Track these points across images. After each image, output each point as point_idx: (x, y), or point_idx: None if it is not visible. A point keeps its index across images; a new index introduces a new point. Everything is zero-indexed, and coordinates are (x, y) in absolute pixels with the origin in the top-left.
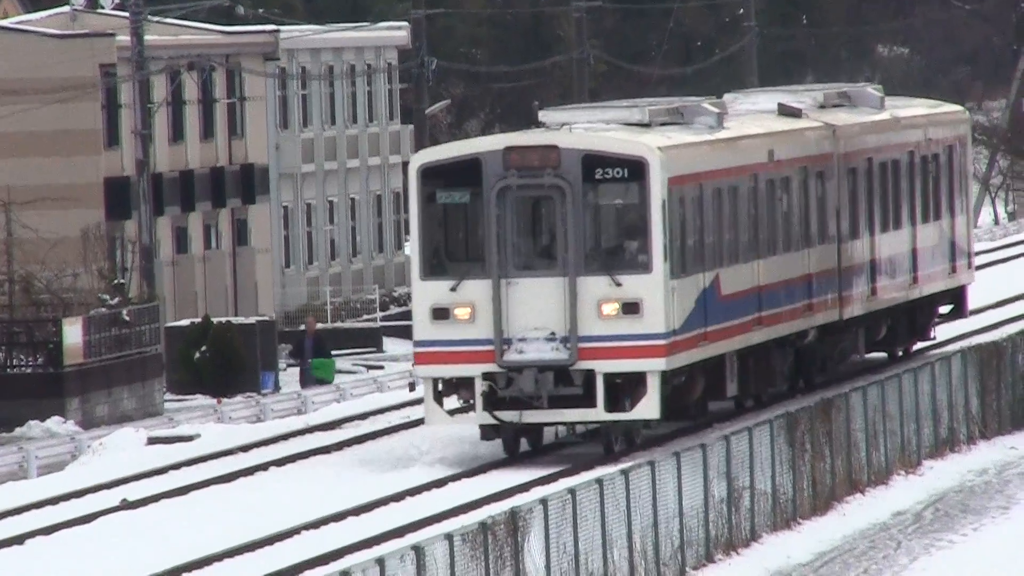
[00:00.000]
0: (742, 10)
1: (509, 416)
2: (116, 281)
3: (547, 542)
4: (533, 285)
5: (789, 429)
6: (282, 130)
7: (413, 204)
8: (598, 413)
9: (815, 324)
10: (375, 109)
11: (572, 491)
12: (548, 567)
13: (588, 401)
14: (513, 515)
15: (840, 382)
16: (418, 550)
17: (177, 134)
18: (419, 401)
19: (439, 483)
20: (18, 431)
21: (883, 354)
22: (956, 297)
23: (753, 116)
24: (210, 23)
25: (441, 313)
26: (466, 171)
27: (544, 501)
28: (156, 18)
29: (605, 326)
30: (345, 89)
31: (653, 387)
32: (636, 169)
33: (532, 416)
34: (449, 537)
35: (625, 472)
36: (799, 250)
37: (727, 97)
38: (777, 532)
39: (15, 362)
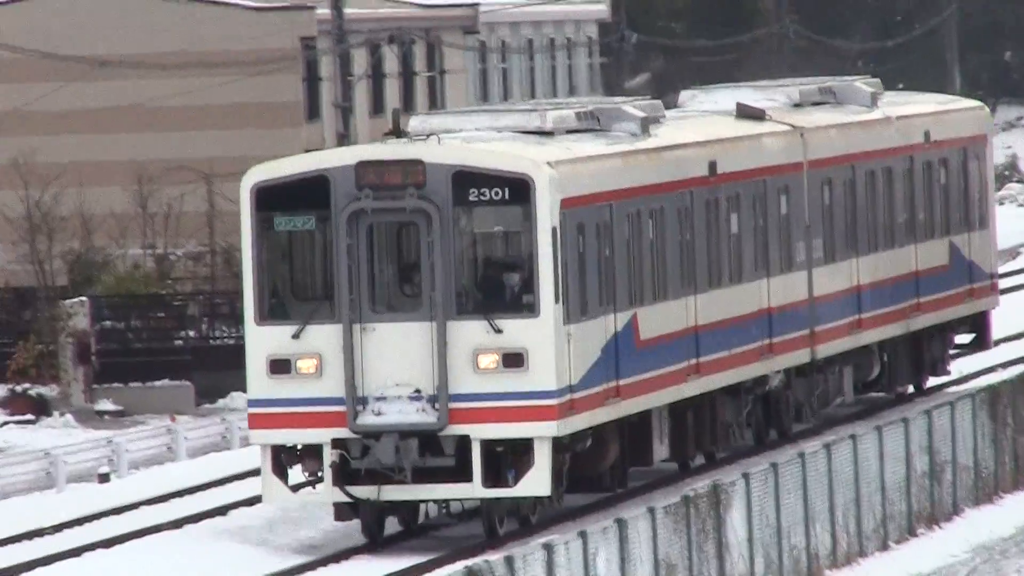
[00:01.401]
0: None
1: (364, 492)
2: None
3: (749, 515)
4: (394, 331)
5: (991, 403)
6: (482, 103)
7: (246, 231)
8: (474, 489)
9: (778, 367)
10: (575, 83)
11: (775, 465)
12: (751, 540)
13: (462, 474)
14: (715, 488)
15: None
16: (621, 523)
17: (377, 107)
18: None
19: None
20: (220, 402)
21: (880, 394)
22: (978, 324)
23: (701, 119)
24: None
25: (281, 366)
26: (311, 191)
27: (746, 476)
28: None
29: (482, 382)
30: (545, 63)
31: (542, 456)
32: (519, 189)
33: (393, 492)
34: (651, 511)
35: (827, 446)
36: (753, 280)
37: (684, 95)
38: (979, 506)
39: (217, 334)
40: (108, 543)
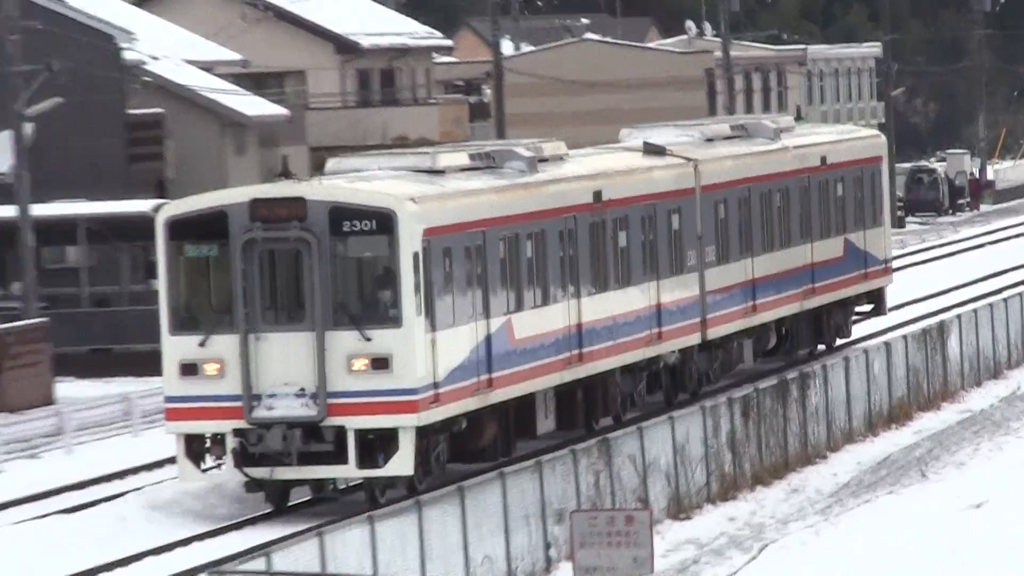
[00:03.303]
0: None
1: (260, 473)
2: None
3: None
4: (282, 340)
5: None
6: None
7: (160, 258)
8: (349, 470)
9: (671, 349)
10: (861, 95)
11: (640, 427)
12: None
13: (340, 457)
14: (605, 442)
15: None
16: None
17: (748, 109)
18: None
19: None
20: None
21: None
22: (875, 298)
23: (603, 155)
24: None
25: (190, 369)
26: (213, 224)
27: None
28: (737, 41)
29: (355, 381)
30: (843, 82)
31: (406, 443)
32: (384, 221)
33: (283, 473)
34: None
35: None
36: (639, 284)
37: (623, 132)
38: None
39: None
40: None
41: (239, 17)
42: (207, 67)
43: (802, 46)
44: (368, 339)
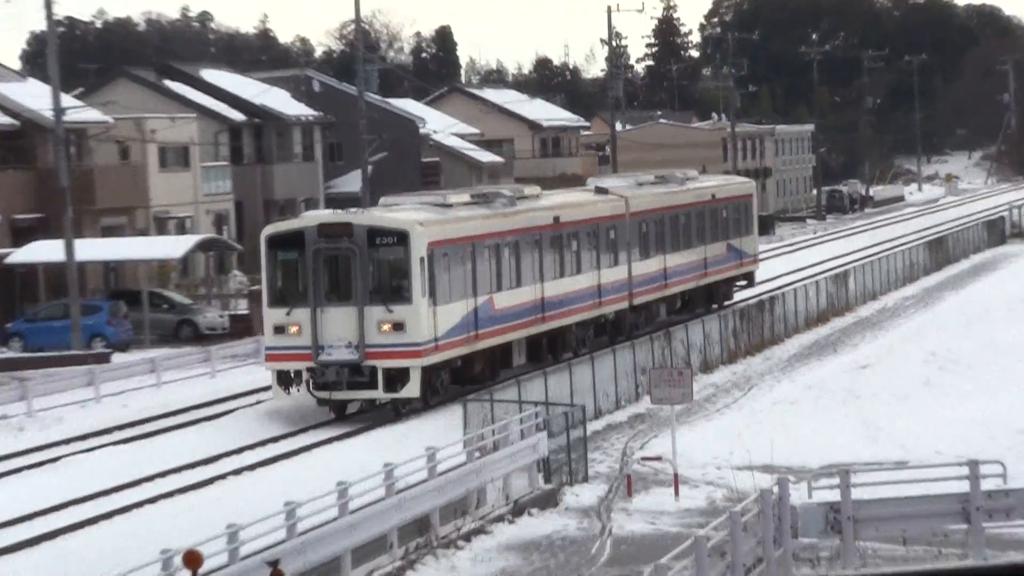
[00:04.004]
0: None
1: (323, 395)
2: None
3: (593, 368)
4: (337, 312)
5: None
6: None
7: (263, 259)
8: (379, 393)
9: (606, 312)
10: None
11: (588, 356)
12: (594, 386)
13: (373, 385)
14: (569, 363)
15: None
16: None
17: None
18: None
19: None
20: None
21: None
22: (748, 276)
23: (566, 195)
24: None
25: (280, 329)
26: (295, 238)
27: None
28: (739, 123)
29: (383, 338)
30: None
31: (415, 377)
32: (402, 237)
33: (338, 395)
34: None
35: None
36: (588, 272)
37: (590, 180)
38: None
39: None
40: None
41: (479, 111)
42: (461, 135)
43: (772, 126)
44: (391, 312)
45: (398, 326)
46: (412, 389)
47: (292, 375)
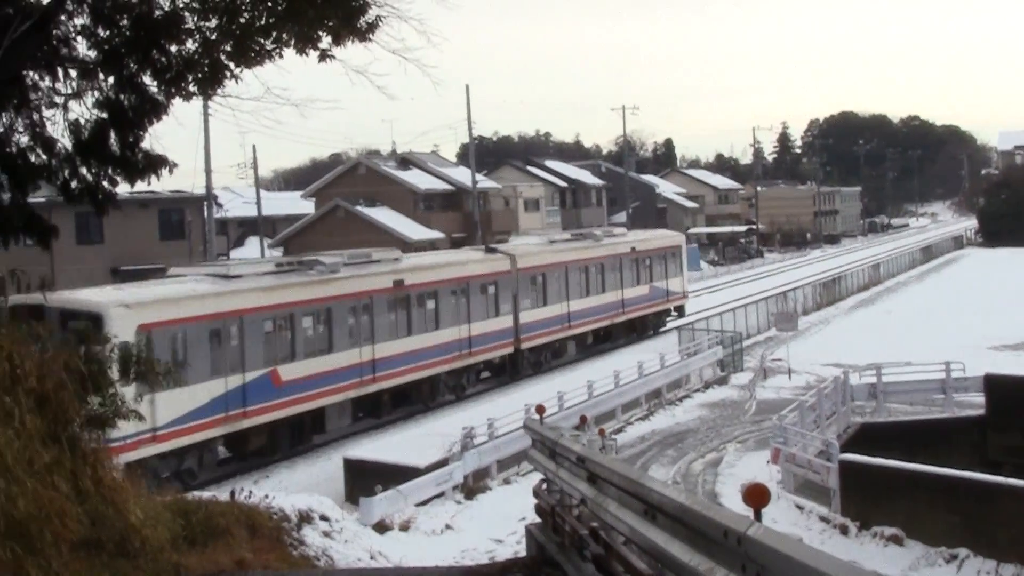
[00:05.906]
0: None
1: None
2: None
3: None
4: None
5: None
6: None
7: None
8: None
9: (501, 354)
10: None
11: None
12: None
13: None
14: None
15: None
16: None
17: None
18: None
19: None
20: None
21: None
22: (679, 309)
23: (459, 253)
24: None
25: None
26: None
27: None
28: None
29: None
30: None
31: None
32: (96, 320)
33: None
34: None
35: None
36: (453, 327)
37: (511, 238)
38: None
39: None
40: None
41: (685, 180)
42: (677, 193)
43: (838, 188)
44: None
45: None
46: None
47: None
